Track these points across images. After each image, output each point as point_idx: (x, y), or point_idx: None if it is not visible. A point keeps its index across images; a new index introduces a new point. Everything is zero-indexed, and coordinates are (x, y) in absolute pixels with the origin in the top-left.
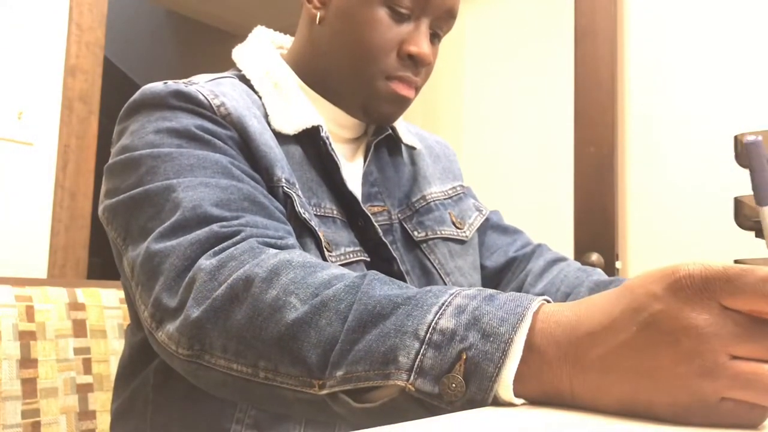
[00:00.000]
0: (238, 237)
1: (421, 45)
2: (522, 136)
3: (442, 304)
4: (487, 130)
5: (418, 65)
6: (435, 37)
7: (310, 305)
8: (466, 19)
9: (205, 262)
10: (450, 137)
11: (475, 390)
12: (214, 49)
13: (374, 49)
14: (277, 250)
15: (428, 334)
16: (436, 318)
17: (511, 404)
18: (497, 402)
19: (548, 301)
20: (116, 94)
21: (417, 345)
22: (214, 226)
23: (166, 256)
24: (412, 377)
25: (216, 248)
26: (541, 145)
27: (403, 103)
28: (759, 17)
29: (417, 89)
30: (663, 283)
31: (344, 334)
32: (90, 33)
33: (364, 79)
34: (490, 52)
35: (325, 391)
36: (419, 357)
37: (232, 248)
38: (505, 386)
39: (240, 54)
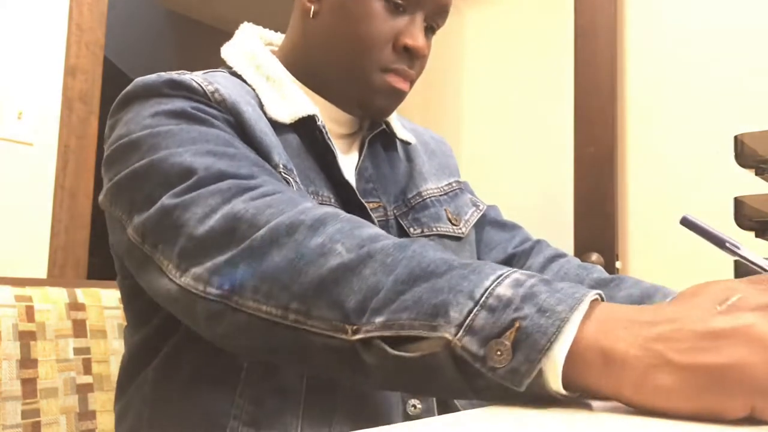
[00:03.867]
0: (267, 188)
1: (416, 38)
2: (522, 136)
3: (500, 275)
4: (486, 129)
5: (413, 58)
6: (429, 31)
7: (357, 254)
8: (465, 18)
9: (240, 205)
10: (449, 137)
11: (521, 359)
12: (214, 49)
13: (370, 42)
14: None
15: (484, 297)
16: (493, 284)
17: (548, 393)
18: (535, 389)
19: (601, 296)
20: (116, 94)
21: (471, 304)
22: (235, 180)
23: (185, 208)
24: (460, 333)
25: (245, 196)
26: (540, 144)
27: (398, 96)
28: (759, 17)
29: (412, 82)
30: (734, 281)
31: (390, 284)
32: (90, 33)
33: (360, 73)
34: (489, 51)
35: (358, 336)
36: (471, 315)
37: (267, 197)
38: (552, 363)
39: (229, 51)
